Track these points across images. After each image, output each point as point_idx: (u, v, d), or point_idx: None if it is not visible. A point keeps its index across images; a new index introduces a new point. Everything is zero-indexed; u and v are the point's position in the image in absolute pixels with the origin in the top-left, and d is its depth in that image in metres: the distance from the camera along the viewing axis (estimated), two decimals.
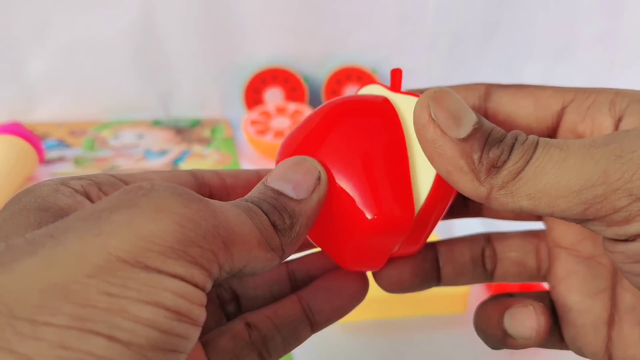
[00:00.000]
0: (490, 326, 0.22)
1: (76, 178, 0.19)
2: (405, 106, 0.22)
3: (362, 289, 0.24)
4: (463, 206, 0.25)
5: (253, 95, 0.72)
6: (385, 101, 0.22)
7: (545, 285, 0.25)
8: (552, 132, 0.22)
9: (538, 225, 0.25)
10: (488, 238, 0.25)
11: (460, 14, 0.74)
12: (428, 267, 0.24)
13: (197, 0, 0.68)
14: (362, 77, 0.73)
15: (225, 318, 0.24)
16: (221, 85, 0.73)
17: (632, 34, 0.80)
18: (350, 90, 0.73)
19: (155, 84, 0.72)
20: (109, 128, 0.70)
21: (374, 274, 0.23)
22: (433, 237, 0.24)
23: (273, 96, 0.72)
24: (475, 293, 0.43)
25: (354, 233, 0.20)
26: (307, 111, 0.66)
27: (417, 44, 0.75)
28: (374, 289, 0.41)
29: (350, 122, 0.21)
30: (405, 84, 0.83)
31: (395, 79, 0.22)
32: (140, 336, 0.13)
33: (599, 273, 0.22)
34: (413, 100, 0.21)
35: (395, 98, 0.22)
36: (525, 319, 0.21)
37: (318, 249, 0.23)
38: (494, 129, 0.19)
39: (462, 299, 0.42)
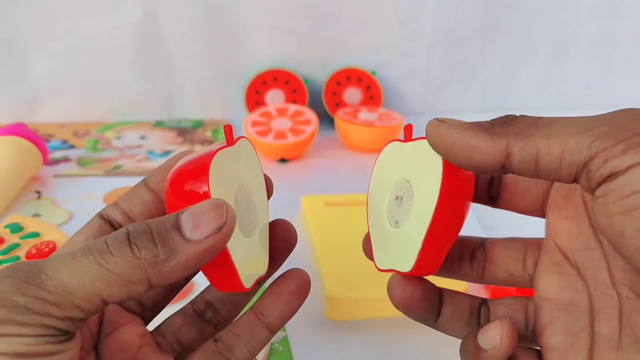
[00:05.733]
0: (467, 345, 0.25)
1: None
2: (415, 151, 0.25)
3: (304, 286, 0.26)
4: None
5: (254, 96, 0.73)
6: None
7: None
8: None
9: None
10: (485, 300, 0.28)
11: (458, 17, 0.75)
12: (434, 299, 0.27)
13: (199, 4, 0.69)
14: (363, 78, 0.74)
15: (208, 323, 0.27)
16: (223, 87, 0.74)
17: (629, 36, 0.80)
18: (350, 92, 0.74)
19: (157, 86, 0.73)
20: (112, 129, 0.71)
21: (388, 291, 0.26)
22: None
23: (274, 97, 0.73)
24: (473, 292, 0.44)
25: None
26: (307, 112, 0.67)
27: (416, 47, 0.76)
28: (375, 288, 0.41)
29: None
30: (405, 85, 0.83)
31: (408, 133, 0.26)
32: None
33: (578, 315, 0.24)
34: (421, 142, 0.25)
35: (408, 146, 0.26)
36: (491, 329, 0.24)
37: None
38: None
39: None
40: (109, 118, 0.73)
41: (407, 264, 0.25)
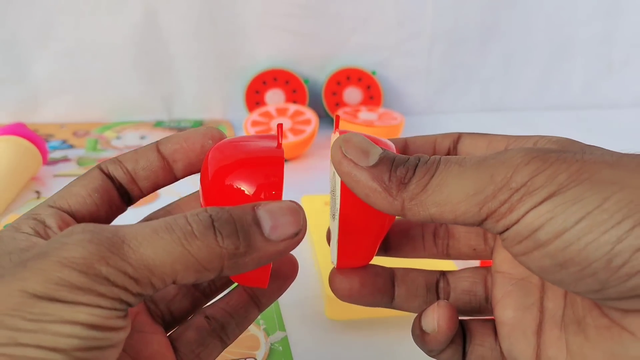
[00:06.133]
0: (414, 327, 0.25)
1: (24, 220, 0.22)
2: None
3: (293, 271, 0.27)
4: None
5: (254, 96, 0.73)
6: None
7: None
8: None
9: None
10: (443, 273, 0.28)
11: (458, 17, 0.75)
12: (381, 283, 0.27)
13: (199, 4, 0.69)
14: (363, 78, 0.74)
15: (202, 294, 0.28)
16: (223, 87, 0.74)
17: (629, 36, 0.80)
18: (350, 92, 0.74)
19: (157, 86, 0.73)
20: (112, 129, 0.71)
21: (330, 284, 0.27)
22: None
23: (274, 97, 0.73)
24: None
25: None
26: (307, 112, 0.67)
27: (416, 47, 0.76)
28: None
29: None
30: (405, 85, 0.83)
31: (336, 123, 0.25)
32: (62, 343, 0.17)
33: (529, 290, 0.25)
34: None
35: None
36: (429, 312, 0.24)
37: None
38: (398, 155, 0.22)
39: None
40: (108, 118, 0.73)
41: (335, 258, 0.26)
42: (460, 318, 0.26)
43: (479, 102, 0.81)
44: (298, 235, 0.20)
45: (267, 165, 0.22)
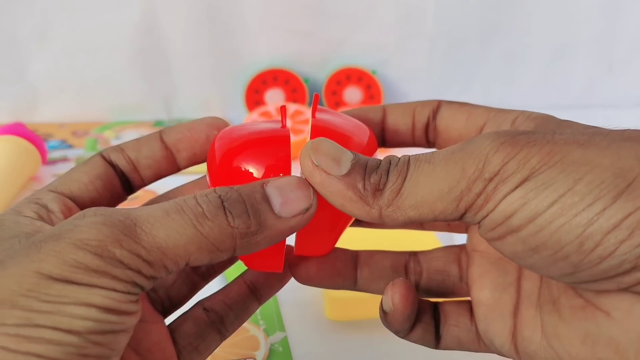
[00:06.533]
0: (380, 310, 0.25)
1: (25, 204, 0.22)
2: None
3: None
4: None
5: (254, 96, 0.72)
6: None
7: None
8: None
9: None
10: (414, 253, 0.28)
11: (459, 16, 0.75)
12: (340, 266, 0.26)
13: (199, 3, 0.69)
14: (363, 77, 0.74)
15: (200, 278, 0.27)
16: (222, 86, 0.74)
17: (629, 36, 0.80)
18: (350, 91, 0.74)
19: (157, 86, 0.73)
20: (111, 129, 0.71)
21: (289, 267, 0.27)
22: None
23: (274, 97, 0.73)
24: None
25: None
26: (307, 111, 0.67)
27: (417, 46, 0.75)
28: None
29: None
30: (405, 85, 0.83)
31: (314, 104, 0.25)
32: (77, 325, 0.17)
33: (507, 270, 0.24)
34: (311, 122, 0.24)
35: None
36: (386, 292, 0.24)
37: None
38: (370, 160, 0.21)
39: None
40: (108, 118, 0.73)
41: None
42: (433, 300, 0.26)
43: (479, 101, 0.80)
44: (309, 210, 0.20)
45: (274, 143, 0.22)
